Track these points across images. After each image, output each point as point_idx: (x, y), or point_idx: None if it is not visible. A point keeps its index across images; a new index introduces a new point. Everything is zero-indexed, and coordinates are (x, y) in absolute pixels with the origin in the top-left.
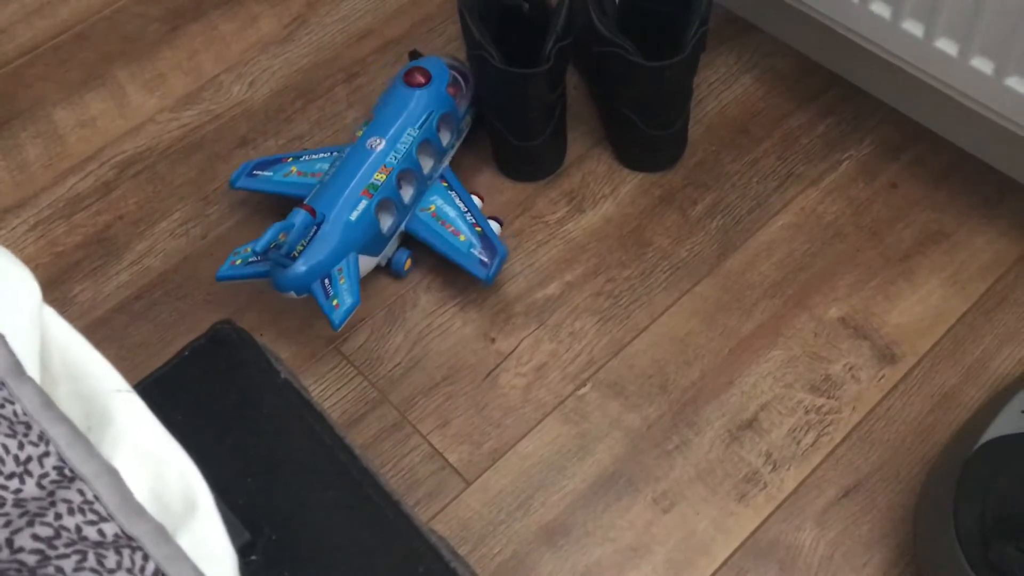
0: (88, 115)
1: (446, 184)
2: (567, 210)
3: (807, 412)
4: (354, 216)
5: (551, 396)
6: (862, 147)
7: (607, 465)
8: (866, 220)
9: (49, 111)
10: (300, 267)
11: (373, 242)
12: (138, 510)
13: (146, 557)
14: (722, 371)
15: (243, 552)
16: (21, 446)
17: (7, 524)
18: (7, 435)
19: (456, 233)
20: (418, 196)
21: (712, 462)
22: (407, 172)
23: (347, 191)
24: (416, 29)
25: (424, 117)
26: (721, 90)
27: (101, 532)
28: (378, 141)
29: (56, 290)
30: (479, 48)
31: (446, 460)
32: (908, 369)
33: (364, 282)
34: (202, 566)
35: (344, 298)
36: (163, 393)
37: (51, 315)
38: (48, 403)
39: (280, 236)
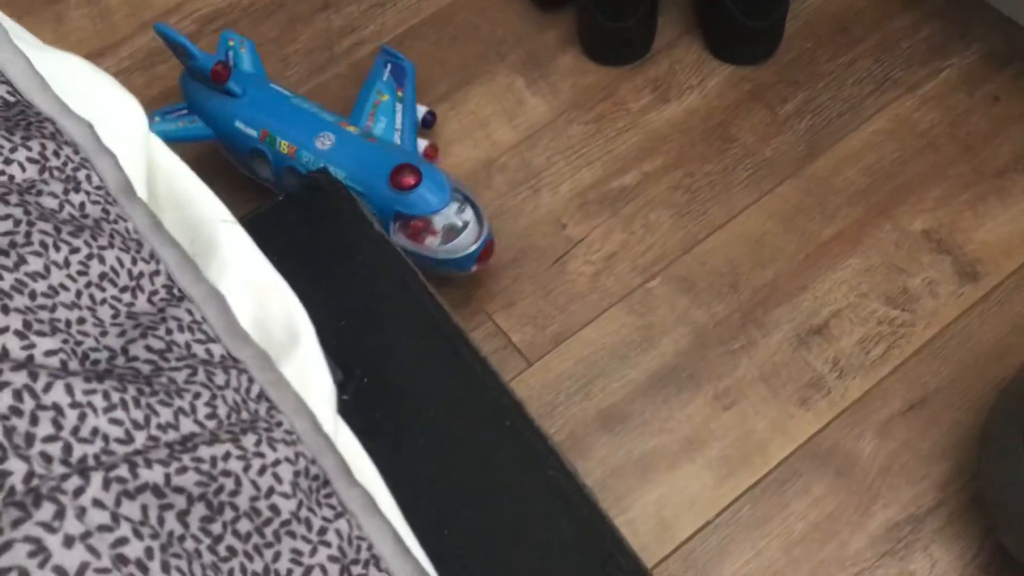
0: None
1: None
2: (651, 98)
3: (879, 323)
4: (238, 125)
5: (619, 286)
6: (966, 55)
7: (670, 358)
8: (962, 132)
9: None
10: (193, 78)
11: (232, 148)
12: (243, 335)
13: (251, 380)
14: (796, 275)
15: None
16: (134, 261)
17: (122, 334)
18: (121, 249)
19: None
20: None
21: (777, 364)
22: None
23: (258, 115)
24: None
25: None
26: None
27: (209, 352)
28: (327, 141)
29: None
30: None
31: (509, 339)
32: (990, 289)
33: (443, 156)
34: (303, 395)
35: (165, 123)
36: (258, 236)
37: (157, 143)
38: (157, 224)
39: (184, 51)
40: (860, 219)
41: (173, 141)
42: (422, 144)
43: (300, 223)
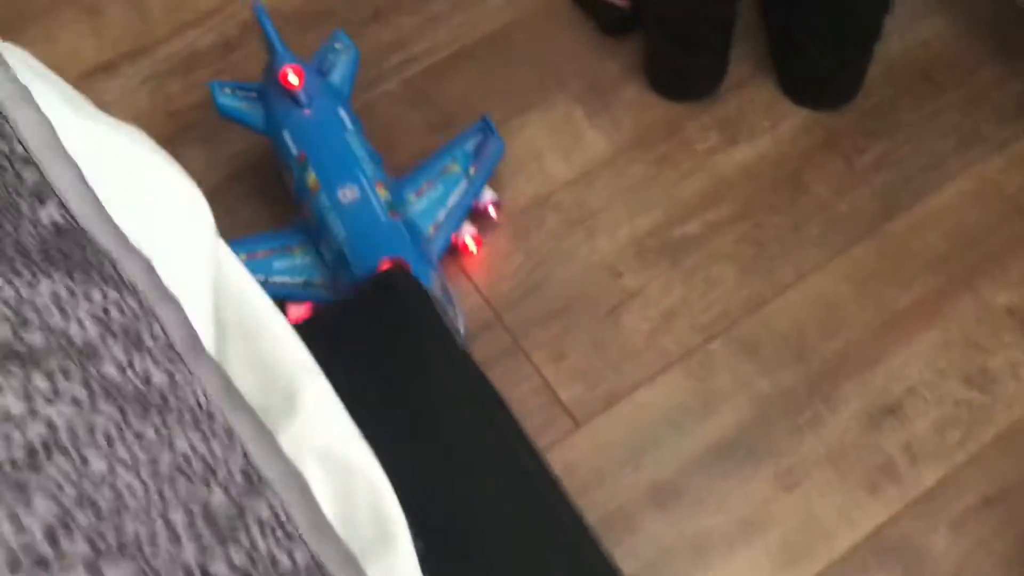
0: None
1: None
2: (719, 140)
3: (957, 405)
4: (285, 135)
5: (677, 346)
6: None
7: (729, 430)
8: None
9: None
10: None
11: (273, 149)
12: (328, 531)
13: None
14: (869, 346)
15: None
16: (206, 440)
17: (198, 542)
18: (192, 428)
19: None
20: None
21: (845, 445)
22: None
23: (306, 136)
24: None
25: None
26: (909, 27)
27: (292, 559)
28: (350, 195)
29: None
30: None
31: (557, 396)
32: None
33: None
34: None
35: (231, 98)
36: (318, 342)
37: (227, 254)
38: (228, 385)
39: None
40: (939, 288)
41: (230, 118)
42: (468, 230)
43: (369, 331)
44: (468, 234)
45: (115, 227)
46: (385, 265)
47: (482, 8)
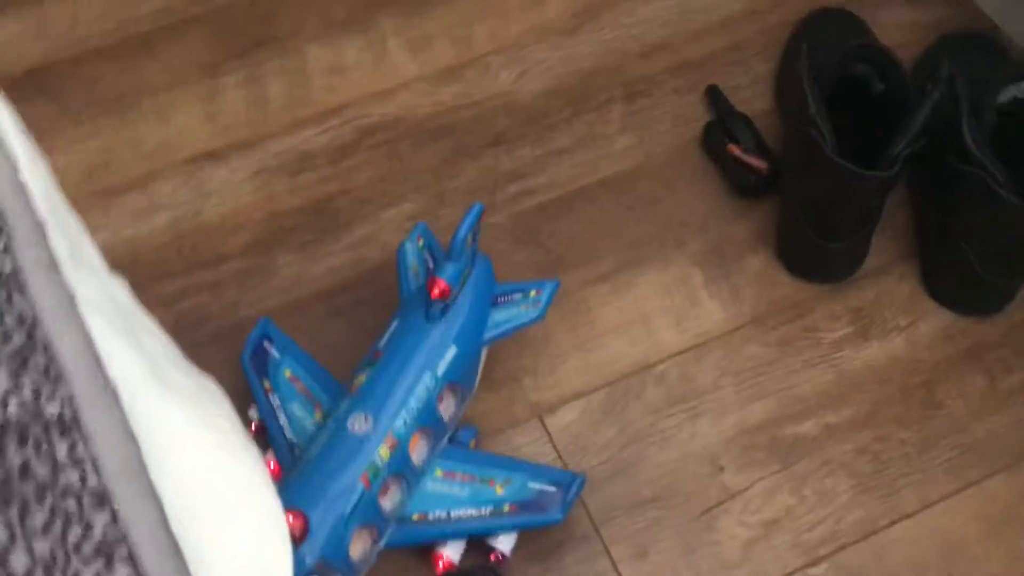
0: (341, 62)
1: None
2: (849, 331)
3: None
4: (393, 324)
5: (775, 564)
6: None
7: None
8: None
9: (302, 45)
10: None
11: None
12: None
13: None
14: None
15: None
16: None
17: None
18: None
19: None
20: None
21: None
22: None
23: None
24: (720, 57)
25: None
26: None
27: None
28: (359, 426)
29: (262, 255)
30: (811, 125)
31: None
32: None
33: (591, 345)
34: None
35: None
36: None
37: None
38: None
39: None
40: None
41: (398, 263)
42: (449, 552)
43: None
44: (444, 557)
45: None
46: (289, 515)
47: (609, 148)
